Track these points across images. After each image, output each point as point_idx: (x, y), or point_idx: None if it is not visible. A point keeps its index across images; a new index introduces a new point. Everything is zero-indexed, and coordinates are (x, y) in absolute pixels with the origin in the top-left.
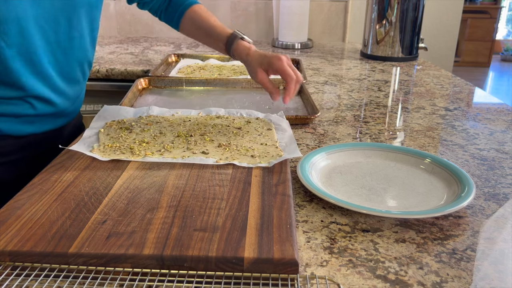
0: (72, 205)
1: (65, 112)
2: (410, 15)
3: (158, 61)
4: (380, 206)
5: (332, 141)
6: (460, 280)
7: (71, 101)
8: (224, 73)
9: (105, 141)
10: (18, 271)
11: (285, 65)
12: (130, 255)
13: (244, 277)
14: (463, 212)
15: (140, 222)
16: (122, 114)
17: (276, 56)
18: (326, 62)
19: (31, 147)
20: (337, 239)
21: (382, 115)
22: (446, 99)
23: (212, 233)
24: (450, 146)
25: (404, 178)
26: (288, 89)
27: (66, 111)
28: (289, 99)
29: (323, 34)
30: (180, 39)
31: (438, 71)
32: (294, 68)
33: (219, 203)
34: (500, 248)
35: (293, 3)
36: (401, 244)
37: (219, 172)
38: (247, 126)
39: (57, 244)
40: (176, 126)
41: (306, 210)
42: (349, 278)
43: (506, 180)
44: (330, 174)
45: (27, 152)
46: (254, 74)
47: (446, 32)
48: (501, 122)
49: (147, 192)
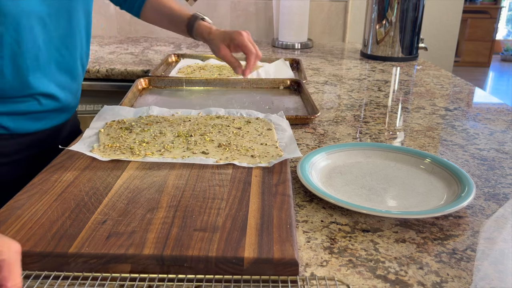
0: (72, 205)
1: (69, 107)
2: (410, 15)
3: (158, 61)
4: (380, 206)
5: (332, 141)
6: (460, 280)
7: (73, 95)
8: (224, 73)
9: (105, 141)
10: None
11: (246, 39)
12: (130, 255)
13: (244, 279)
14: (463, 212)
15: (140, 222)
16: (122, 114)
17: (237, 31)
18: (326, 62)
19: (34, 146)
20: (337, 239)
21: (382, 115)
22: (446, 99)
23: (212, 233)
24: (450, 146)
25: (404, 178)
26: (248, 62)
27: (70, 105)
28: (249, 72)
29: (323, 34)
30: (180, 39)
31: (438, 71)
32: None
33: (219, 203)
34: (500, 248)
35: (293, 3)
36: (401, 244)
37: (219, 172)
38: (247, 126)
39: (57, 244)
40: (176, 126)
41: (306, 210)
42: (349, 278)
43: (506, 180)
44: (330, 174)
45: (29, 151)
46: (217, 50)
47: (446, 32)
48: (501, 122)
49: (147, 192)
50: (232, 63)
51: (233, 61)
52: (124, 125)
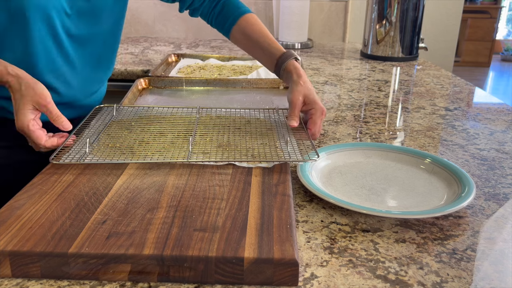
0: (72, 205)
1: (73, 104)
2: (410, 15)
3: (158, 61)
4: (380, 206)
5: (332, 141)
6: (460, 280)
7: (75, 91)
8: (224, 73)
9: (105, 141)
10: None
11: (318, 115)
12: (130, 255)
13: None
14: (463, 212)
15: (140, 222)
16: (122, 114)
17: (320, 105)
18: (326, 62)
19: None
20: (337, 239)
21: (382, 115)
22: (446, 99)
23: (212, 233)
24: (450, 146)
25: (404, 178)
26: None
27: (74, 103)
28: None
29: (323, 34)
30: (180, 39)
31: (438, 71)
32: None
33: (219, 203)
34: (500, 248)
35: (293, 3)
36: (401, 244)
37: (219, 172)
38: (247, 126)
39: (57, 244)
40: (176, 126)
41: (306, 210)
42: (349, 278)
43: (506, 180)
44: (330, 174)
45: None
46: (294, 94)
47: (446, 32)
48: (501, 122)
49: (147, 192)
50: (292, 113)
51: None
52: (124, 125)
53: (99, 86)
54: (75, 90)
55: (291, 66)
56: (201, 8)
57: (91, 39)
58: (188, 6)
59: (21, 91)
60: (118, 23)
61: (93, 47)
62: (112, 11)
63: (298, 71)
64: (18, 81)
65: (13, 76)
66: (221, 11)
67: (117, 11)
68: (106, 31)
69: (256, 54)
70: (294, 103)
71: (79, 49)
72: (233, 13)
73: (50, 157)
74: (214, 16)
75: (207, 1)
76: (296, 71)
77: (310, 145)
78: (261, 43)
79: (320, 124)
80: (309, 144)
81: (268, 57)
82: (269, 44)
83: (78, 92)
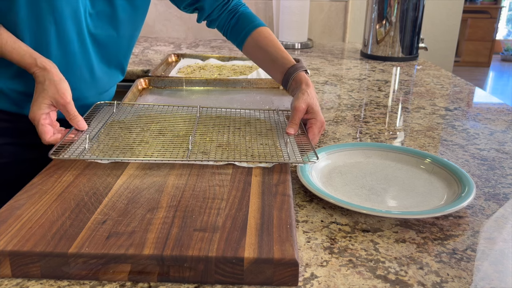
0: (72, 205)
1: (82, 102)
2: (410, 15)
3: (158, 61)
4: (380, 206)
5: (332, 141)
6: (460, 280)
7: (87, 89)
8: (224, 73)
9: (105, 141)
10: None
11: (318, 125)
12: (130, 255)
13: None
14: (463, 212)
15: (140, 222)
16: (122, 114)
17: (321, 117)
18: (326, 62)
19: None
20: (337, 239)
21: (382, 115)
22: (446, 99)
23: (212, 233)
24: (450, 146)
25: (404, 178)
26: (296, 131)
27: (84, 101)
28: (293, 133)
29: (323, 34)
30: (180, 39)
31: (438, 71)
32: (318, 134)
33: (219, 203)
34: (500, 248)
35: (293, 3)
36: (401, 244)
37: (219, 172)
38: (247, 126)
39: (57, 244)
40: (176, 126)
41: (306, 210)
42: (349, 278)
43: (506, 180)
44: (330, 174)
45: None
46: (299, 101)
47: (446, 32)
48: (501, 122)
49: (147, 192)
50: (293, 121)
51: (294, 121)
52: (124, 125)
53: (109, 87)
54: (87, 89)
55: (301, 77)
56: (218, 19)
57: (108, 41)
58: (206, 17)
59: (44, 84)
60: (135, 31)
61: (108, 49)
62: (130, 19)
63: (307, 82)
64: (43, 75)
65: (40, 69)
66: (236, 24)
67: (135, 20)
68: (122, 36)
69: (267, 65)
70: (297, 110)
71: (96, 48)
72: (247, 26)
73: (49, 152)
74: (229, 28)
75: (224, 13)
76: (305, 81)
77: (310, 147)
78: (273, 55)
79: (318, 135)
80: (309, 147)
81: (278, 67)
82: (282, 56)
83: (89, 90)
